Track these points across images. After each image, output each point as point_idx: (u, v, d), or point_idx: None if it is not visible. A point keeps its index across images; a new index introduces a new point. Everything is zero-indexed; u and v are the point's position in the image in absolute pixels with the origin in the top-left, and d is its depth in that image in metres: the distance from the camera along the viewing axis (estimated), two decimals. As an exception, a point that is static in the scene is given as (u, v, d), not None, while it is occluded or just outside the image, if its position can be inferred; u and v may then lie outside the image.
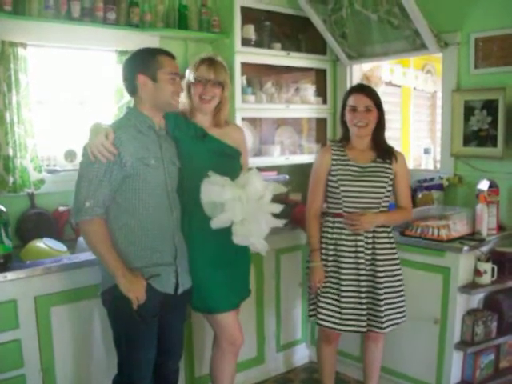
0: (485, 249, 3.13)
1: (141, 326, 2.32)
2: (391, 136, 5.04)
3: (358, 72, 4.35)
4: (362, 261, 2.83)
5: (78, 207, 2.23)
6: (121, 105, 3.38)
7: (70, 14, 3.12)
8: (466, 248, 2.99)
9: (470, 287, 3.05)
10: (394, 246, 2.92)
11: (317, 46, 4.19)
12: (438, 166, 4.03)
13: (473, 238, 3.15)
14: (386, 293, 2.83)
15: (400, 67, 4.79)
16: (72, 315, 2.66)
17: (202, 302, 2.64)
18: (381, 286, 2.82)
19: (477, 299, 3.20)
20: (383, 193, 2.84)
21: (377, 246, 2.84)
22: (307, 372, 3.72)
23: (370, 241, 2.84)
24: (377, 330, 2.85)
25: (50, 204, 3.26)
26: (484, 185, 3.26)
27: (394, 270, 2.88)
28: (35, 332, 2.55)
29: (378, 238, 2.85)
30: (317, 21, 3.91)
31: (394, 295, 2.87)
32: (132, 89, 2.39)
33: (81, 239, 2.99)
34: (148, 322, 2.33)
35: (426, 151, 4.62)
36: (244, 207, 2.36)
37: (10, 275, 2.44)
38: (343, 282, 2.84)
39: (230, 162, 2.70)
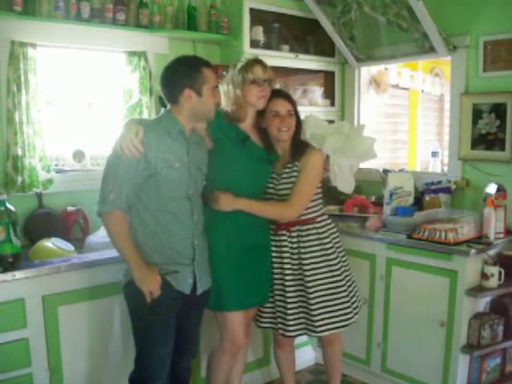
0: (492, 252, 3.12)
1: (156, 321, 2.36)
2: (399, 139, 5.05)
3: (366, 74, 4.35)
4: (288, 266, 2.81)
5: (103, 198, 2.30)
6: (129, 105, 3.40)
7: (79, 14, 3.14)
8: (473, 251, 2.98)
9: (477, 290, 3.04)
10: (328, 246, 2.85)
11: (325, 48, 4.19)
12: (446, 169, 4.02)
13: (480, 241, 3.14)
14: (317, 296, 2.80)
15: (408, 70, 4.79)
16: (80, 315, 2.66)
17: (214, 299, 2.66)
18: (310, 290, 2.79)
19: (483, 303, 3.19)
20: None
21: (302, 250, 2.81)
22: (313, 374, 3.72)
23: (295, 245, 2.82)
24: (312, 334, 2.86)
25: (58, 204, 3.28)
26: (492, 188, 3.25)
27: (328, 272, 2.83)
28: (43, 331, 2.55)
29: (303, 241, 2.82)
30: (325, 23, 3.92)
31: (330, 298, 2.82)
32: (173, 98, 2.42)
33: (89, 239, 3.02)
34: (160, 317, 2.37)
35: (434, 154, 4.60)
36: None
37: (18, 274, 2.45)
38: (275, 287, 2.86)
39: (265, 167, 2.78)
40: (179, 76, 2.38)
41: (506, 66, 3.42)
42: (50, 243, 2.92)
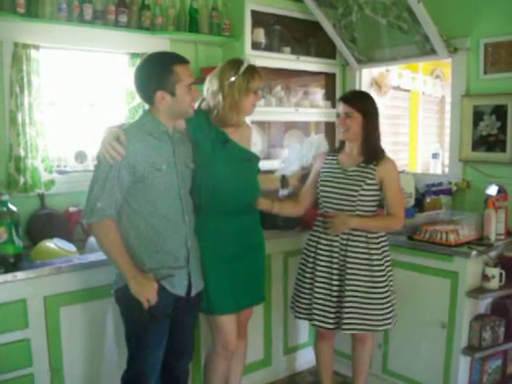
0: (493, 254, 3.13)
1: (151, 326, 2.34)
2: (400, 140, 5.05)
3: (367, 76, 4.36)
4: (336, 261, 2.86)
5: (90, 208, 2.25)
6: (131, 106, 3.41)
7: (82, 16, 3.15)
8: (474, 253, 2.99)
9: (478, 292, 3.04)
10: (374, 251, 2.87)
11: (326, 50, 4.20)
12: (447, 170, 4.03)
13: (481, 242, 3.15)
14: (351, 295, 2.83)
15: (409, 72, 4.79)
16: (81, 315, 2.67)
17: (205, 302, 2.66)
18: (348, 287, 2.83)
19: (484, 304, 3.19)
20: (355, 196, 2.83)
21: (349, 248, 2.85)
22: (314, 375, 3.71)
23: (344, 242, 2.86)
24: (340, 329, 2.88)
25: (60, 204, 3.29)
26: (492, 190, 3.26)
27: (368, 276, 2.85)
28: (44, 332, 2.56)
29: (352, 240, 2.86)
30: (327, 25, 3.93)
31: (364, 300, 2.84)
32: (148, 100, 2.38)
33: (90, 240, 3.02)
34: (159, 322, 2.35)
35: (435, 156, 4.62)
36: None
37: (20, 275, 2.45)
38: (317, 279, 2.90)
39: (248, 167, 2.78)
40: (150, 78, 2.31)
41: (507, 67, 3.43)
42: (52, 244, 2.94)
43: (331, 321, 2.88)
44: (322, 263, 2.90)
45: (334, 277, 2.86)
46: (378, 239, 2.90)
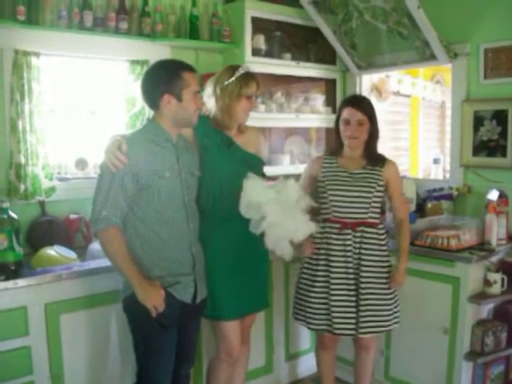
0: (494, 259, 3.12)
1: (160, 334, 2.34)
2: (401, 146, 5.05)
3: (367, 82, 4.37)
4: (351, 265, 2.84)
5: (95, 217, 2.26)
6: (132, 114, 3.41)
7: (82, 23, 3.15)
8: (475, 258, 2.99)
9: (480, 297, 3.04)
10: (386, 253, 2.90)
11: (326, 56, 4.21)
12: (448, 175, 4.03)
13: (482, 248, 3.15)
14: (367, 298, 2.83)
15: (409, 77, 4.80)
16: (82, 322, 2.66)
17: (210, 308, 2.65)
18: (363, 291, 2.82)
19: (486, 309, 3.18)
20: (370, 198, 2.84)
21: (363, 251, 2.85)
22: (316, 381, 3.69)
23: (357, 245, 2.85)
24: (358, 334, 2.86)
25: (61, 211, 3.28)
26: (493, 195, 3.25)
27: (380, 278, 2.86)
28: (45, 339, 2.55)
29: (365, 242, 2.85)
30: (327, 31, 3.94)
31: (379, 302, 2.84)
32: (153, 104, 2.39)
33: (91, 246, 3.02)
34: (168, 330, 2.35)
35: (436, 161, 4.62)
36: (279, 210, 2.46)
37: (20, 282, 2.45)
38: (333, 286, 2.86)
39: (252, 171, 2.73)
40: (158, 81, 2.34)
41: (507, 72, 3.44)
42: (53, 251, 2.93)
43: (353, 326, 2.85)
44: (336, 270, 2.86)
45: (351, 281, 2.84)
46: (384, 235, 2.93)
